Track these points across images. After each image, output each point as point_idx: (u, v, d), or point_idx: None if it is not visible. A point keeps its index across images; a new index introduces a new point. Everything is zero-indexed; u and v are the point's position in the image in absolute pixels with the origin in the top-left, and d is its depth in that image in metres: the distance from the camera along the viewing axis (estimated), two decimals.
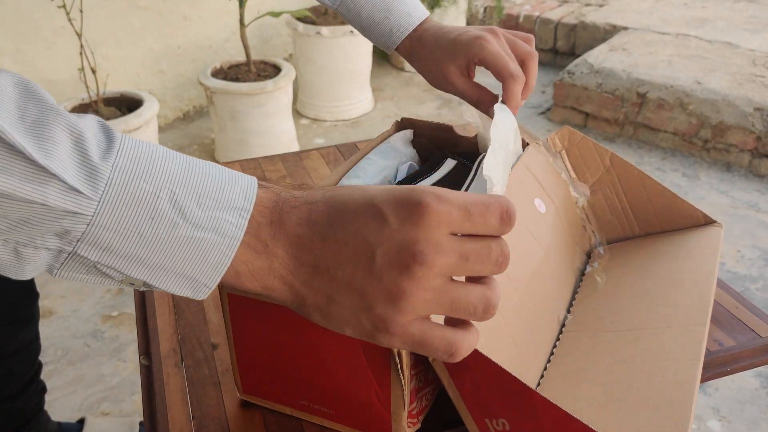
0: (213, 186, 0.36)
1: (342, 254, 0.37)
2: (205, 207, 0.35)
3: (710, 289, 0.60)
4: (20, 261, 0.34)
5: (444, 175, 0.69)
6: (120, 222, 0.34)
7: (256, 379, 0.56)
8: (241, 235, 0.36)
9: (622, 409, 0.49)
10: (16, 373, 1.00)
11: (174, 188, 0.35)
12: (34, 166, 0.32)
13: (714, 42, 2.77)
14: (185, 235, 0.35)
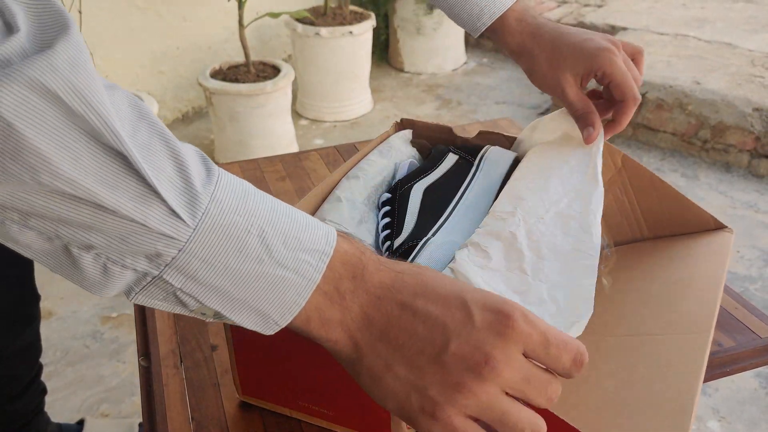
0: (297, 227, 0.37)
1: (416, 330, 0.38)
2: (290, 247, 0.36)
3: (716, 296, 0.59)
4: (106, 278, 0.35)
5: (446, 171, 0.69)
6: (210, 252, 0.35)
7: (255, 381, 0.56)
8: (318, 277, 0.37)
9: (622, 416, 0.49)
10: (17, 374, 0.99)
11: (263, 225, 0.36)
12: (143, 185, 0.33)
13: (713, 42, 2.77)
14: (268, 273, 0.36)
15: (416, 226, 0.62)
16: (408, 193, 0.66)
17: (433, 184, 0.67)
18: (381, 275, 0.39)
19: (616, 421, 0.49)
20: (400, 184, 0.67)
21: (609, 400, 0.51)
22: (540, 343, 0.38)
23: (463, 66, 3.27)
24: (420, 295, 0.39)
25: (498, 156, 0.71)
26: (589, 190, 0.61)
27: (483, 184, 0.67)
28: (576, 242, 0.56)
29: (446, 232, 0.61)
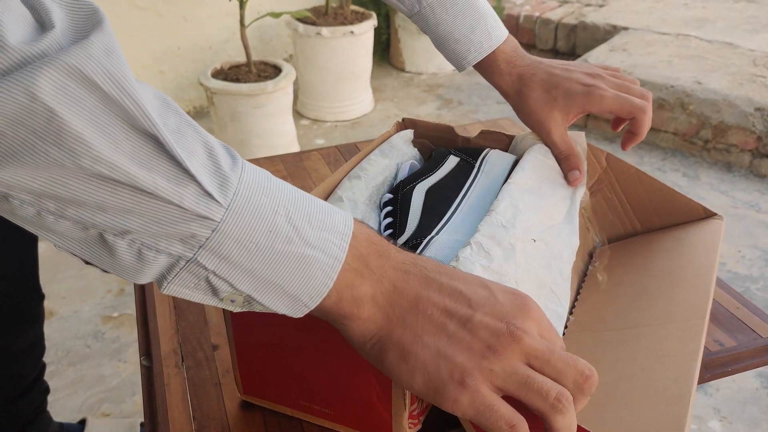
0: (318, 210, 0.39)
1: (444, 302, 0.40)
2: (315, 227, 0.38)
3: (710, 282, 0.60)
4: (141, 263, 0.35)
5: (448, 172, 0.69)
6: (242, 231, 0.36)
7: (256, 380, 0.56)
8: (342, 256, 0.38)
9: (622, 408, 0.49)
10: (21, 374, 1.00)
11: (289, 207, 0.37)
12: (177, 167, 0.34)
13: (714, 42, 2.77)
14: (297, 252, 0.37)
15: (419, 225, 0.62)
16: (410, 194, 0.66)
17: (435, 185, 0.67)
18: (403, 255, 0.41)
19: (618, 414, 0.49)
20: (402, 185, 0.67)
21: (609, 393, 0.51)
22: (550, 329, 0.41)
23: None
24: (443, 273, 0.41)
25: (498, 158, 0.71)
26: (565, 235, 0.64)
27: (484, 184, 0.68)
28: (553, 282, 0.58)
29: (450, 230, 0.61)
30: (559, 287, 0.59)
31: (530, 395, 0.39)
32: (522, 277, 0.55)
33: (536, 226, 0.61)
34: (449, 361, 0.39)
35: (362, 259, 0.39)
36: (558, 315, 0.57)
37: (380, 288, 0.40)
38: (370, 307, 0.40)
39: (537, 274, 0.57)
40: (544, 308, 0.56)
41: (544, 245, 0.60)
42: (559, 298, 0.58)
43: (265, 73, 2.30)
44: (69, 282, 1.77)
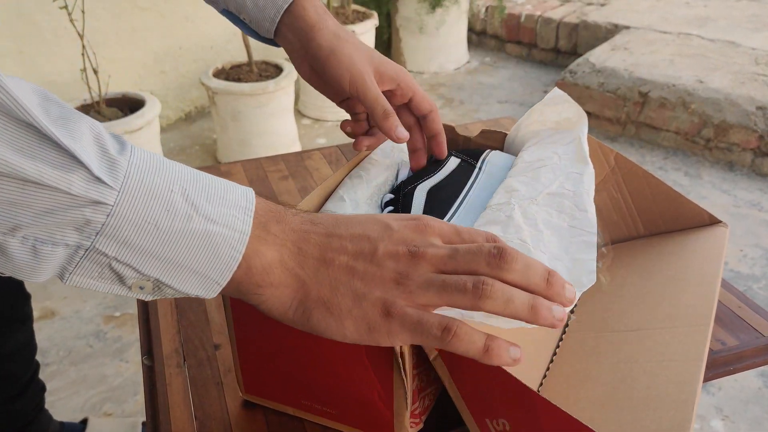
0: (217, 188, 0.38)
1: (345, 247, 0.42)
2: (215, 203, 0.38)
3: (714, 289, 0.59)
4: (37, 260, 0.35)
5: (447, 174, 0.69)
6: (138, 213, 0.35)
7: (258, 379, 0.56)
8: (248, 229, 0.38)
9: (624, 410, 0.49)
10: (14, 374, 1.00)
11: (184, 185, 0.37)
12: (62, 154, 0.33)
13: (716, 41, 2.76)
14: (199, 229, 0.37)
15: None
16: (411, 194, 0.66)
17: (436, 186, 0.67)
18: (300, 217, 0.42)
19: (619, 416, 0.49)
20: (404, 186, 0.67)
21: (611, 395, 0.51)
22: (453, 233, 0.43)
23: (465, 65, 3.27)
24: (340, 224, 0.43)
25: (499, 158, 0.71)
26: (578, 170, 0.61)
27: (485, 184, 0.68)
28: (572, 219, 0.56)
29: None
30: (580, 221, 0.55)
31: (452, 296, 0.40)
32: (529, 233, 0.53)
33: (537, 188, 0.59)
34: (369, 298, 0.40)
35: (263, 227, 0.40)
36: (586, 243, 0.53)
37: (285, 251, 0.40)
38: (281, 272, 0.40)
39: (549, 223, 0.55)
40: (569, 244, 0.53)
41: (548, 196, 0.58)
42: (584, 227, 0.54)
43: (266, 72, 2.30)
44: None
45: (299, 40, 0.66)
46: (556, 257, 0.52)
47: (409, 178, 0.68)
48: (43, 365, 1.49)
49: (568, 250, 0.53)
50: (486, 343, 0.40)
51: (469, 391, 0.47)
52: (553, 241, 0.53)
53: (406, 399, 0.48)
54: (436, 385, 0.53)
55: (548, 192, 0.59)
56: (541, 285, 0.41)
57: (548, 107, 0.72)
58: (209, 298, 0.40)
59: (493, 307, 0.40)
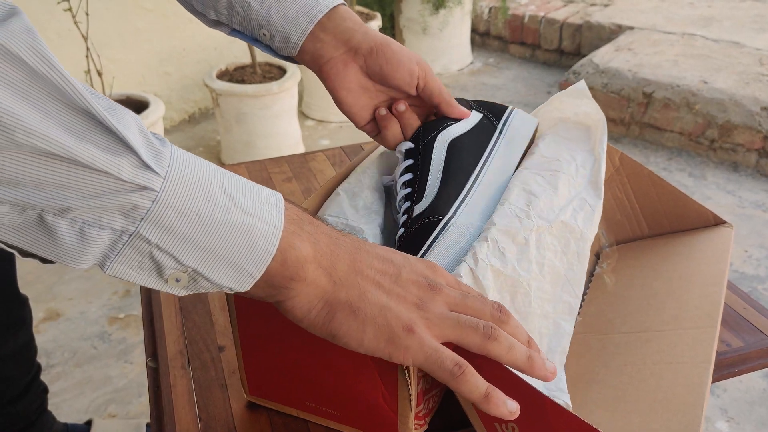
0: (248, 185, 0.40)
1: (372, 262, 0.44)
2: (249, 198, 0.39)
3: (720, 290, 0.59)
4: (84, 244, 0.35)
5: (469, 129, 0.66)
6: (181, 201, 0.36)
7: (262, 381, 0.56)
8: (281, 224, 0.40)
9: (632, 412, 0.49)
10: (14, 376, 1.00)
11: (222, 179, 0.38)
12: (113, 139, 0.34)
13: (720, 41, 2.76)
14: (237, 221, 0.38)
15: (438, 195, 0.60)
16: (432, 145, 0.63)
17: (457, 139, 0.64)
18: (328, 226, 0.44)
19: (627, 419, 0.49)
20: (424, 133, 0.64)
21: (618, 397, 0.51)
22: (455, 283, 0.47)
23: (469, 66, 3.27)
24: (365, 243, 0.45)
25: (521, 124, 0.69)
26: (592, 202, 0.61)
27: (504, 153, 0.66)
28: (568, 270, 0.57)
29: (467, 211, 0.59)
30: (574, 274, 0.57)
31: (465, 333, 0.43)
32: (535, 275, 0.54)
33: (554, 206, 0.59)
34: (394, 312, 0.42)
35: (297, 223, 0.41)
36: (569, 306, 0.56)
37: (319, 249, 0.42)
38: (314, 269, 0.41)
39: (553, 265, 0.56)
40: (558, 299, 0.56)
41: (562, 227, 0.58)
42: (573, 287, 0.57)
43: (270, 74, 2.30)
44: (75, 283, 1.78)
45: (347, 41, 0.62)
46: (545, 315, 0.54)
47: (428, 123, 0.65)
48: (47, 366, 1.49)
49: (555, 307, 0.55)
50: (487, 391, 0.42)
51: None
52: (548, 290, 0.55)
53: (411, 401, 0.48)
54: (440, 387, 0.53)
55: (562, 220, 0.58)
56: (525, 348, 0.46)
57: (569, 98, 0.71)
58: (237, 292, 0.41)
59: (498, 351, 0.43)
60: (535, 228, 0.56)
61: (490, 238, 0.55)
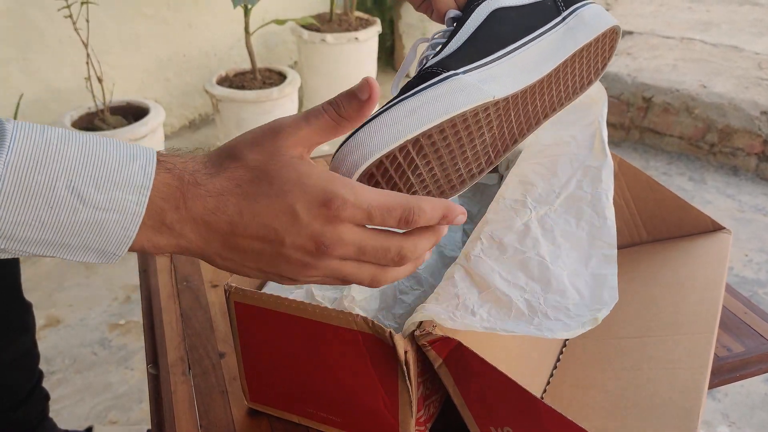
0: (111, 166, 0.37)
1: (252, 245, 0.41)
2: (104, 189, 0.37)
3: (718, 296, 0.59)
4: None
5: (527, 3, 0.59)
6: (19, 214, 0.35)
7: (263, 387, 0.56)
8: (142, 211, 0.38)
9: (629, 417, 0.49)
10: (16, 383, 1.00)
11: (70, 175, 0.36)
12: None
13: (719, 45, 2.76)
14: (87, 218, 0.37)
15: (459, 49, 0.53)
16: (472, 11, 0.56)
17: (503, 9, 0.57)
18: (203, 202, 0.40)
19: (623, 423, 0.49)
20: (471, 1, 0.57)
21: (615, 402, 0.51)
22: (365, 218, 0.41)
23: None
24: (245, 212, 0.40)
25: (592, 17, 0.60)
26: (597, 164, 0.59)
27: (559, 40, 0.58)
28: (591, 228, 0.54)
29: (483, 77, 0.52)
30: (600, 231, 0.53)
31: (347, 283, 0.44)
32: (547, 248, 0.52)
33: (554, 188, 0.57)
34: (274, 274, 0.43)
35: (157, 215, 0.39)
36: (606, 258, 0.52)
37: (184, 240, 0.40)
38: (180, 250, 0.41)
39: (569, 236, 0.53)
40: (589, 258, 0.51)
41: (567, 200, 0.56)
42: (605, 241, 0.53)
43: (270, 80, 2.30)
44: (75, 290, 1.78)
45: None
46: (576, 273, 0.50)
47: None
48: (48, 373, 1.49)
49: (587, 264, 0.51)
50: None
51: (474, 399, 0.47)
52: (572, 256, 0.51)
53: (412, 407, 0.48)
54: (441, 393, 0.53)
55: (566, 195, 0.57)
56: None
57: None
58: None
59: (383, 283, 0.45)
60: (534, 214, 0.55)
61: (484, 236, 0.54)
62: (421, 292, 0.59)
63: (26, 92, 2.11)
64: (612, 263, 0.51)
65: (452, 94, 0.48)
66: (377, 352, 0.47)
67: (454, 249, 0.66)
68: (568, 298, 0.47)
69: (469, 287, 0.49)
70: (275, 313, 0.50)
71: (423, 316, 0.46)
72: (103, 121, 1.97)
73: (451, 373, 0.47)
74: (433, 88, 0.49)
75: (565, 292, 0.48)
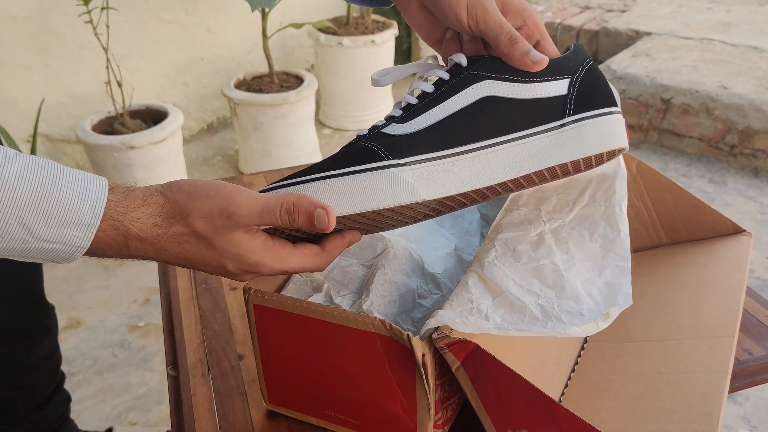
0: (61, 206, 0.41)
1: (198, 266, 0.47)
2: (53, 226, 0.41)
3: (739, 299, 0.59)
4: None
5: (528, 98, 0.52)
6: None
7: (282, 390, 0.56)
8: (87, 245, 0.42)
9: (647, 422, 0.49)
10: (39, 385, 1.01)
11: (22, 214, 0.39)
12: None
13: (739, 46, 2.73)
14: (35, 247, 0.41)
15: (425, 132, 0.49)
16: (464, 84, 0.51)
17: (499, 98, 0.51)
18: (144, 252, 0.45)
19: (641, 427, 0.49)
20: (471, 63, 0.53)
21: (633, 406, 0.51)
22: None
23: None
24: (181, 257, 0.46)
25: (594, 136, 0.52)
26: (611, 173, 0.58)
27: (540, 151, 0.51)
28: (605, 242, 0.53)
29: (432, 168, 0.48)
30: (614, 244, 0.52)
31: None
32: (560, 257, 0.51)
33: (568, 201, 0.56)
34: (226, 274, 0.48)
35: (100, 251, 0.44)
36: (621, 269, 0.50)
37: (133, 256, 0.45)
38: (131, 259, 0.46)
39: (582, 248, 0.52)
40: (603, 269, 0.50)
41: (581, 214, 0.55)
42: (618, 253, 0.51)
43: (287, 83, 2.31)
44: (95, 292, 1.79)
45: None
46: (590, 281, 0.49)
47: (481, 58, 0.53)
48: (69, 374, 1.51)
49: (601, 274, 0.50)
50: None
51: (491, 402, 0.47)
52: (585, 266, 0.50)
53: (429, 409, 0.48)
54: (459, 395, 0.53)
55: (580, 208, 0.56)
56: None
57: None
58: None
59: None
60: (548, 226, 0.55)
61: (498, 244, 0.54)
62: (440, 296, 0.59)
63: (48, 97, 2.14)
64: (626, 274, 0.50)
65: (380, 190, 0.47)
66: (395, 354, 0.47)
67: (471, 253, 0.66)
68: (582, 304, 0.47)
69: (482, 293, 0.49)
70: (294, 315, 0.50)
71: (436, 321, 0.46)
72: (122, 125, 1.99)
73: (468, 376, 0.47)
74: (366, 176, 0.47)
75: (579, 298, 0.48)
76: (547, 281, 0.50)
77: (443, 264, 0.63)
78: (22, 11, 2.05)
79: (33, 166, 0.40)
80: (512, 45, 0.52)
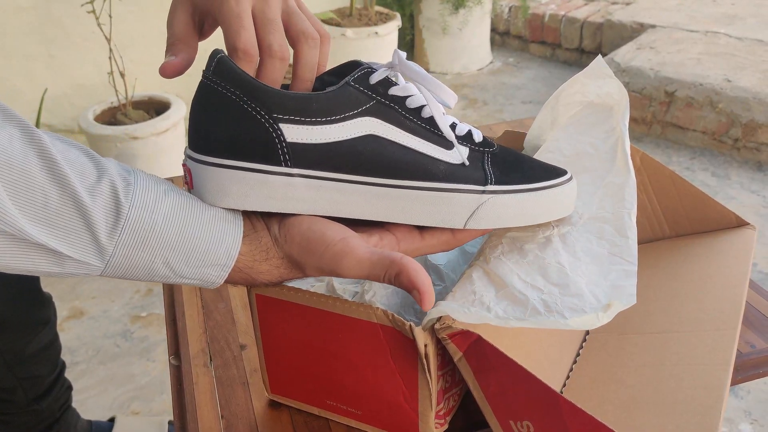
0: (201, 247, 0.44)
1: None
2: (193, 266, 0.45)
3: (742, 292, 0.59)
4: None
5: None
6: (122, 274, 0.44)
7: (284, 380, 0.57)
8: (220, 282, 0.46)
9: (650, 413, 0.49)
10: (39, 374, 1.02)
11: (167, 254, 0.43)
12: (54, 255, 0.40)
13: (744, 39, 2.72)
14: (176, 281, 0.46)
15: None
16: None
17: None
18: (270, 277, 0.48)
19: (644, 420, 0.49)
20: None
21: (635, 398, 0.51)
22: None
23: (488, 65, 3.26)
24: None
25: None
26: (620, 181, 0.58)
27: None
28: (612, 247, 0.53)
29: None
30: (621, 249, 0.52)
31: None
32: (567, 259, 0.51)
33: (575, 213, 0.56)
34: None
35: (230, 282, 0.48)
36: (627, 273, 0.50)
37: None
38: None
39: (590, 252, 0.52)
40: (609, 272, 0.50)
41: (589, 221, 0.55)
42: (624, 257, 0.52)
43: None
44: (98, 282, 1.80)
45: None
46: (595, 283, 0.49)
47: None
48: (72, 364, 1.51)
49: (607, 277, 0.50)
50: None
51: (494, 393, 0.47)
52: (592, 269, 0.51)
53: (431, 400, 0.49)
54: (461, 386, 0.53)
55: (588, 216, 0.56)
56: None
57: (590, 80, 0.68)
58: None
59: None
60: (557, 232, 0.55)
61: (505, 240, 0.54)
62: (443, 287, 0.59)
63: (51, 87, 2.14)
64: (632, 277, 0.50)
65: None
66: (397, 345, 0.47)
67: (475, 245, 0.66)
68: (586, 302, 0.47)
69: (486, 285, 0.49)
70: (296, 305, 0.51)
71: (438, 311, 0.46)
72: (125, 116, 1.99)
73: (470, 367, 0.47)
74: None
75: (583, 296, 0.48)
76: (551, 279, 0.49)
77: (446, 255, 0.63)
78: (27, 2, 2.05)
79: (178, 207, 0.44)
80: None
